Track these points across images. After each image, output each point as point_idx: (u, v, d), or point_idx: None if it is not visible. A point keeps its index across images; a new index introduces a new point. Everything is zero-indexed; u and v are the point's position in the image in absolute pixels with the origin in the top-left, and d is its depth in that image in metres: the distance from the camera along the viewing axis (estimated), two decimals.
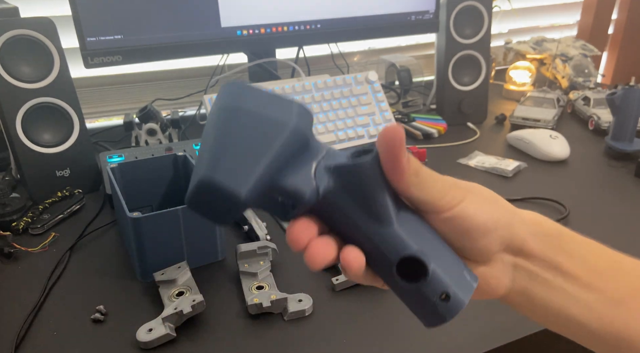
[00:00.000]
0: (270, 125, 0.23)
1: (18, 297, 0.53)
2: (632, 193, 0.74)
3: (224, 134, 0.23)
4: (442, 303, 0.25)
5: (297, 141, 0.24)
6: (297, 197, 0.24)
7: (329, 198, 0.25)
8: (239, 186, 0.22)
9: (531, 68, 1.20)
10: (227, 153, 0.22)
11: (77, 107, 0.73)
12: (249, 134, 0.23)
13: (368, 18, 0.95)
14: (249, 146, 0.23)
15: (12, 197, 0.69)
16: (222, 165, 0.22)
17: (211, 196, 0.22)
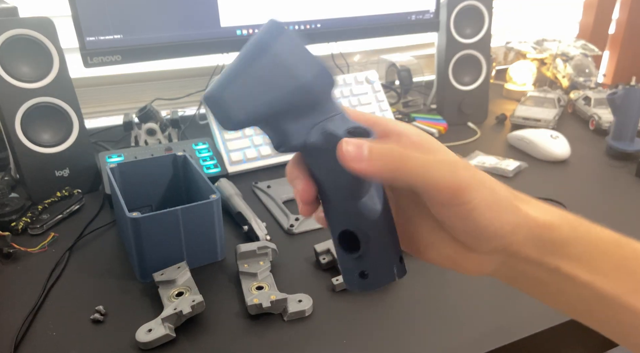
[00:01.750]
0: (285, 73, 0.26)
1: (17, 297, 0.53)
2: (633, 193, 0.74)
3: (245, 64, 0.26)
4: (359, 278, 0.29)
5: (303, 97, 0.26)
6: (284, 139, 0.27)
7: (310, 153, 0.28)
8: (233, 112, 0.26)
9: (532, 68, 1.20)
10: (238, 81, 0.26)
11: (77, 106, 0.73)
12: (265, 73, 0.26)
13: (368, 17, 0.94)
14: (260, 83, 0.26)
15: (11, 197, 0.69)
16: (228, 89, 0.26)
17: (214, 108, 0.26)
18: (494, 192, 0.26)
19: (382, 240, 0.29)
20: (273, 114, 0.26)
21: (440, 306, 0.51)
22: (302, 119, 0.27)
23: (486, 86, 1.03)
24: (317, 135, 0.27)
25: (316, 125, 0.27)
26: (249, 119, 0.26)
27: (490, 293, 0.53)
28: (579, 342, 0.52)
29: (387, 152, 0.25)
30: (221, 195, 0.64)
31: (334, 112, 0.28)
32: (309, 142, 0.27)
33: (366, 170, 0.25)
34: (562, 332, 0.49)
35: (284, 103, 0.26)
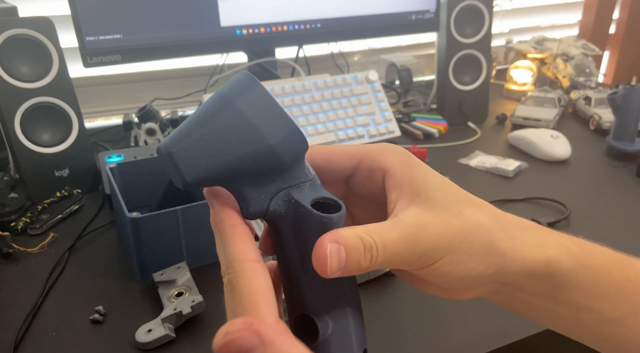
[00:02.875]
0: (249, 132, 0.23)
1: (17, 298, 0.53)
2: (633, 193, 0.74)
3: (205, 117, 0.23)
4: None
5: (267, 161, 0.23)
6: (244, 204, 0.24)
7: (273, 223, 0.25)
8: (185, 170, 0.23)
9: (532, 67, 1.20)
10: (195, 135, 0.23)
11: (76, 106, 0.73)
12: (226, 130, 0.23)
13: (368, 17, 0.94)
14: (219, 141, 0.23)
15: (10, 197, 0.69)
16: (182, 143, 0.23)
17: (166, 164, 0.23)
18: (466, 245, 0.24)
19: (345, 332, 0.25)
20: (231, 176, 0.23)
21: (440, 306, 0.51)
22: (265, 184, 0.24)
23: (486, 86, 1.02)
24: (280, 202, 0.24)
25: (280, 192, 0.24)
26: (202, 179, 0.23)
27: None
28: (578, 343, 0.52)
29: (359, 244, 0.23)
30: None
31: (304, 179, 0.25)
32: (270, 210, 0.24)
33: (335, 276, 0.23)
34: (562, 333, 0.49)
35: (245, 165, 0.23)
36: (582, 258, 0.26)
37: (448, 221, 0.24)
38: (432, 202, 0.25)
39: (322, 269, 0.22)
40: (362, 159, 0.27)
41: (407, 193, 0.25)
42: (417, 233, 0.24)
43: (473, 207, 0.26)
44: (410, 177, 0.26)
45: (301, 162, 0.25)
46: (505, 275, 0.25)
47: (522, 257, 0.25)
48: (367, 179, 0.27)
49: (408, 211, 0.25)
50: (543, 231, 0.27)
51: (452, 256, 0.24)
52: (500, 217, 0.26)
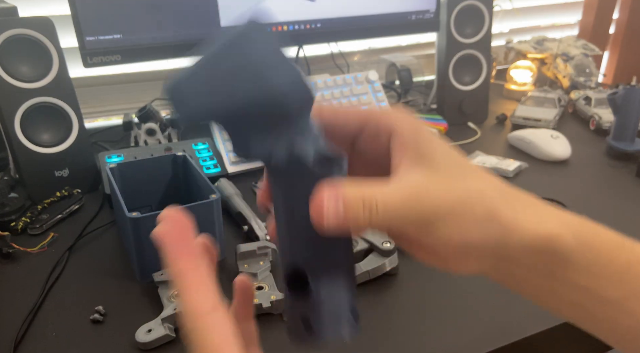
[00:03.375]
0: (255, 75, 0.23)
1: (17, 298, 0.53)
2: (634, 193, 0.74)
3: (214, 56, 0.23)
4: (300, 326, 0.25)
5: (271, 106, 0.23)
6: (244, 145, 0.24)
7: (270, 168, 0.25)
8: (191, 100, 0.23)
9: (532, 67, 1.20)
10: (203, 71, 0.23)
11: (76, 106, 0.73)
12: (233, 70, 0.23)
13: (368, 17, 0.94)
14: (225, 79, 0.23)
15: (10, 197, 0.69)
16: (186, 83, 0.23)
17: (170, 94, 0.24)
18: (467, 212, 0.24)
19: (335, 288, 0.25)
20: (232, 117, 0.23)
21: (440, 306, 0.51)
22: (268, 130, 0.24)
23: (486, 86, 1.02)
24: (281, 150, 0.23)
25: (282, 140, 0.24)
26: (206, 111, 0.23)
27: (490, 293, 0.53)
28: (578, 342, 0.52)
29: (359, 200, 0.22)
30: (221, 195, 0.64)
31: (308, 132, 0.24)
32: (270, 157, 0.24)
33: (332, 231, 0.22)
34: (561, 333, 0.49)
35: (246, 109, 0.23)
36: (584, 237, 0.26)
37: (451, 186, 0.24)
38: (437, 166, 0.24)
39: (319, 221, 0.22)
40: (369, 118, 0.27)
41: (411, 156, 0.25)
42: (419, 194, 0.23)
43: (477, 176, 0.25)
44: (416, 140, 0.25)
45: (306, 114, 0.24)
46: (504, 247, 0.25)
47: (524, 230, 0.24)
48: (372, 140, 0.27)
49: (411, 173, 0.24)
50: (546, 208, 0.26)
51: (452, 220, 0.24)
52: (504, 189, 0.26)
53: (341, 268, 0.25)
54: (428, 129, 0.26)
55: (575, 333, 0.51)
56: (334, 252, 0.25)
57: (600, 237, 0.26)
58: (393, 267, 0.55)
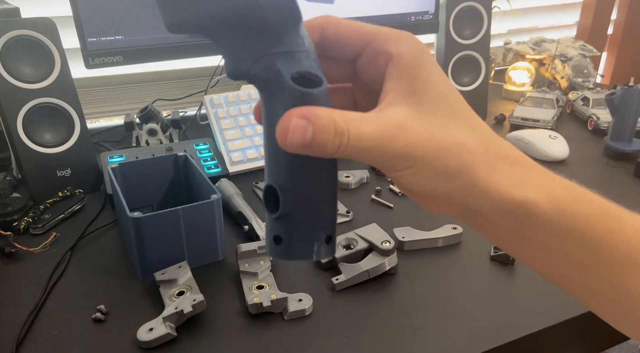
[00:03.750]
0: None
1: (19, 297, 0.53)
2: (631, 193, 0.75)
3: None
4: (273, 243, 0.25)
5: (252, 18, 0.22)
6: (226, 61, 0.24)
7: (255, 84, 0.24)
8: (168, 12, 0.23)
9: (530, 68, 1.21)
10: None
11: (78, 107, 0.74)
12: None
13: (368, 18, 0.95)
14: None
15: (13, 197, 0.69)
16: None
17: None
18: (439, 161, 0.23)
19: (306, 209, 0.24)
20: (214, 27, 0.23)
21: (440, 305, 0.52)
22: (249, 44, 0.23)
23: (485, 87, 1.03)
24: (262, 68, 0.23)
25: (265, 56, 0.23)
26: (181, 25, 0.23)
27: (490, 293, 0.53)
28: (577, 341, 0.53)
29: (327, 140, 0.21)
30: (222, 195, 0.65)
31: (294, 48, 0.23)
32: (251, 73, 0.23)
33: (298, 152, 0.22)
34: (560, 332, 0.50)
35: (228, 18, 0.22)
36: (563, 204, 0.24)
37: (431, 131, 0.23)
38: (425, 106, 0.23)
39: (282, 140, 0.21)
40: (372, 39, 0.25)
41: (403, 87, 0.24)
42: (395, 134, 0.22)
43: (465, 126, 0.24)
44: (413, 72, 0.24)
45: (293, 30, 0.23)
46: (472, 202, 0.24)
47: (495, 190, 0.24)
48: (371, 63, 0.26)
49: (396, 107, 0.23)
50: (531, 170, 0.25)
51: (420, 168, 0.23)
52: (491, 144, 0.24)
53: (317, 189, 0.25)
54: (429, 58, 0.24)
55: (574, 333, 0.51)
56: (310, 177, 0.24)
57: (583, 205, 0.25)
58: (392, 266, 0.55)
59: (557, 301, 0.51)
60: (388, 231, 0.59)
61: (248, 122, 0.85)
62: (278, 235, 0.25)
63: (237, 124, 0.84)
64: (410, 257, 0.59)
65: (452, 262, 0.58)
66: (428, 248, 0.61)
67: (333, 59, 0.27)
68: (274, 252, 0.25)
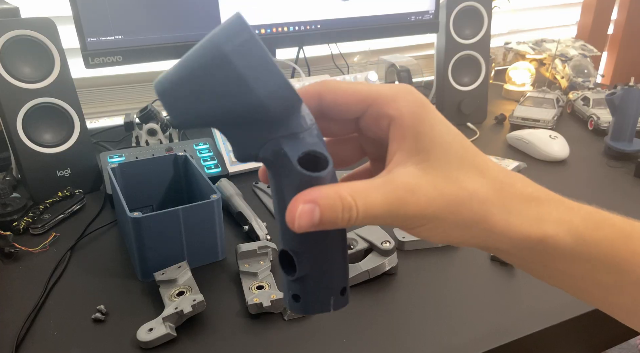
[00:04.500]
0: (238, 85, 0.23)
1: (19, 297, 0.53)
2: (632, 193, 0.75)
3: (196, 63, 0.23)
4: (292, 300, 0.27)
5: (256, 112, 0.24)
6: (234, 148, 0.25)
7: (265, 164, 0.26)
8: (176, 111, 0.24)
9: (531, 68, 1.21)
10: (187, 83, 0.23)
11: (78, 107, 0.74)
12: (215, 79, 0.23)
13: (368, 18, 0.95)
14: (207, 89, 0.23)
15: (12, 197, 0.69)
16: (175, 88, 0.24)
17: (161, 99, 0.24)
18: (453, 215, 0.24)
19: (320, 270, 0.26)
20: (220, 122, 0.24)
21: (440, 305, 0.51)
22: (255, 132, 0.24)
23: (485, 86, 1.03)
24: (270, 151, 0.24)
25: (270, 141, 0.24)
26: (189, 123, 0.24)
27: (489, 293, 0.53)
28: (577, 342, 0.53)
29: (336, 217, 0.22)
30: (222, 195, 0.64)
31: (297, 130, 0.24)
32: (260, 156, 0.25)
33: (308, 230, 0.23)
34: (560, 332, 0.50)
35: (232, 114, 0.24)
36: (584, 234, 0.25)
37: (441, 188, 0.23)
38: (432, 163, 0.24)
39: (290, 225, 0.22)
40: (371, 104, 0.26)
41: (408, 148, 0.24)
42: (405, 198, 0.23)
43: (475, 174, 0.24)
44: (416, 131, 0.24)
45: (294, 114, 0.25)
46: (491, 244, 0.25)
47: (514, 231, 0.24)
48: (373, 125, 0.27)
49: (403, 169, 0.24)
50: (549, 204, 0.25)
51: (436, 224, 0.24)
52: (503, 187, 0.25)
53: (329, 255, 0.26)
54: (433, 117, 0.25)
55: (574, 333, 0.51)
56: (322, 242, 0.26)
57: (604, 231, 0.25)
58: (392, 266, 0.55)
59: (557, 301, 0.51)
60: (388, 231, 0.59)
61: None
62: (296, 294, 0.27)
63: None
64: (410, 257, 0.59)
65: (452, 262, 0.58)
66: (428, 248, 0.61)
67: (334, 120, 0.27)
68: (293, 308, 0.27)
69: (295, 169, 0.24)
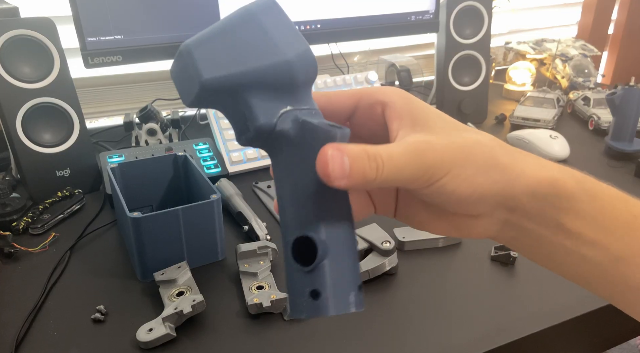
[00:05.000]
0: (267, 44, 0.24)
1: (18, 297, 0.53)
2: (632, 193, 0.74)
3: (229, 25, 0.25)
4: (308, 299, 0.24)
5: (281, 74, 0.25)
6: (253, 117, 0.25)
7: (281, 142, 0.25)
8: (206, 68, 0.24)
9: (531, 68, 1.21)
10: (218, 40, 0.24)
11: (77, 107, 0.74)
12: (246, 39, 0.24)
13: (368, 18, 0.95)
14: (239, 47, 0.24)
15: (12, 197, 0.69)
16: (207, 45, 0.24)
17: (184, 64, 0.24)
18: (470, 160, 0.25)
19: (342, 256, 0.25)
20: (246, 85, 0.24)
21: (440, 306, 0.51)
22: (276, 100, 0.25)
23: (486, 86, 1.03)
24: (288, 121, 0.25)
25: (288, 112, 0.25)
26: (217, 83, 0.24)
27: (490, 293, 0.53)
28: (577, 342, 0.53)
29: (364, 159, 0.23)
30: (221, 195, 0.64)
31: (310, 106, 0.26)
32: (277, 126, 0.24)
33: (344, 186, 0.23)
34: (560, 332, 0.50)
35: (260, 76, 0.24)
36: (586, 185, 0.26)
37: (450, 139, 0.25)
38: (433, 128, 0.26)
39: (324, 172, 0.23)
40: (362, 97, 0.28)
41: (407, 123, 0.26)
42: (422, 148, 0.25)
43: (473, 131, 0.27)
44: (409, 109, 0.27)
45: (309, 88, 0.26)
46: (511, 194, 0.26)
47: (526, 174, 0.26)
48: (367, 117, 0.28)
49: (411, 135, 0.26)
50: (544, 159, 0.27)
51: (458, 171, 0.25)
52: (500, 141, 0.27)
53: (347, 240, 0.25)
54: (418, 99, 0.28)
55: (574, 333, 0.51)
56: (341, 223, 0.25)
57: (602, 189, 0.27)
58: (392, 266, 0.55)
59: (557, 301, 0.51)
60: (388, 231, 0.59)
61: None
62: (315, 289, 0.24)
63: None
64: (410, 257, 0.59)
65: (452, 262, 0.58)
66: (428, 248, 0.61)
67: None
68: (311, 309, 0.24)
69: (320, 128, 0.24)
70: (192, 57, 0.24)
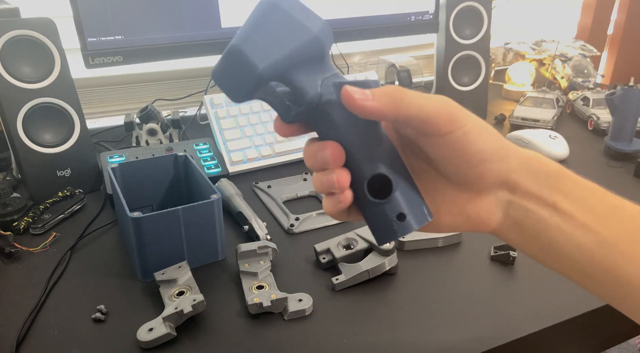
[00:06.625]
0: (297, 26, 0.29)
1: (19, 297, 0.53)
2: (631, 194, 0.75)
3: (258, 21, 0.28)
4: (397, 223, 0.30)
5: (314, 48, 0.29)
6: (302, 92, 0.29)
7: (327, 107, 0.29)
8: (259, 59, 0.28)
9: (530, 68, 1.21)
10: (257, 34, 0.28)
11: (78, 107, 0.74)
12: (278, 27, 0.28)
13: (368, 18, 0.95)
14: (276, 36, 0.28)
15: (13, 197, 0.69)
16: (251, 41, 0.28)
17: (234, 63, 0.28)
18: (482, 122, 0.30)
19: (406, 181, 0.30)
20: (290, 66, 0.28)
21: (440, 305, 0.52)
22: (314, 72, 0.29)
23: (485, 87, 1.03)
24: (327, 87, 0.29)
25: (324, 81, 0.29)
26: (270, 70, 0.28)
27: (490, 293, 0.53)
28: (577, 341, 0.53)
29: (388, 90, 0.28)
30: (222, 195, 0.65)
31: (334, 70, 0.30)
32: (322, 95, 0.29)
33: (372, 107, 0.27)
34: (560, 332, 0.50)
35: (299, 55, 0.28)
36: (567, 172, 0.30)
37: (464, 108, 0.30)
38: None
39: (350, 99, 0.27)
40: None
41: None
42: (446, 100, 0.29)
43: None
44: None
45: (329, 55, 0.31)
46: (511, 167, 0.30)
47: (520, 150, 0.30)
48: None
49: None
50: None
51: (474, 124, 0.29)
52: None
53: (404, 168, 0.31)
54: None
55: (574, 333, 0.51)
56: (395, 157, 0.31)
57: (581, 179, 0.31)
58: (392, 266, 0.55)
59: (557, 301, 0.51)
60: None
61: (248, 122, 0.85)
62: (401, 213, 0.30)
63: (237, 123, 0.84)
64: (410, 257, 0.59)
65: (452, 262, 0.58)
66: (428, 248, 0.61)
67: None
68: (400, 230, 0.30)
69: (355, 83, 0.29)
70: (243, 53, 0.27)
